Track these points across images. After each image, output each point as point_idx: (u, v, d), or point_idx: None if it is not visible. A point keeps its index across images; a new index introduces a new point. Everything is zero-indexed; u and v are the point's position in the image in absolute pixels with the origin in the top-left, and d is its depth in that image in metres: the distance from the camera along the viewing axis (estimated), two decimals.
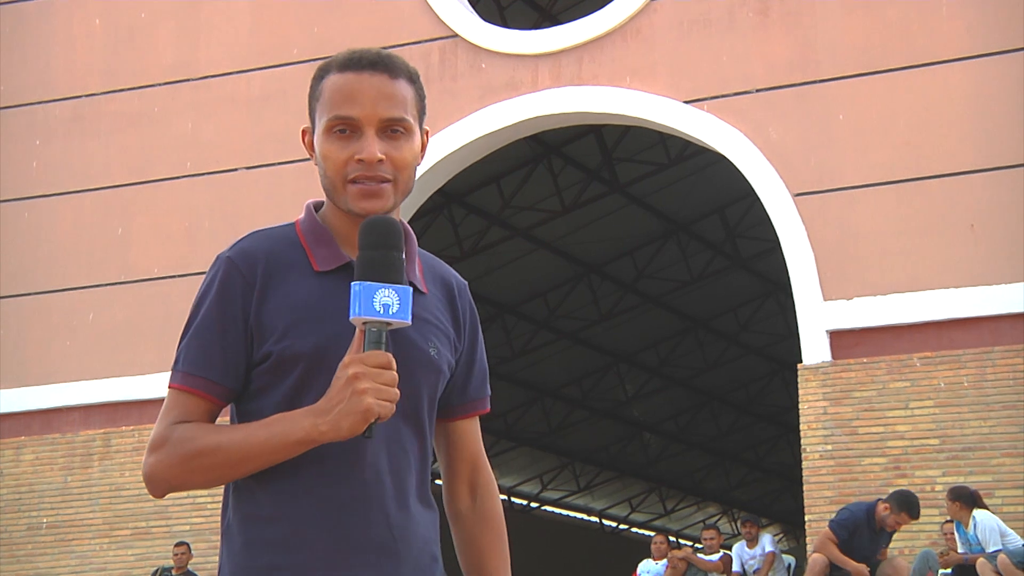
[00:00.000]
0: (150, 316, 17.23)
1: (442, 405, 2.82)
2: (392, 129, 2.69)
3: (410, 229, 2.80)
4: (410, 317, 2.53)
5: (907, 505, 12.54)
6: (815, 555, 13.30)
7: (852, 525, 12.52)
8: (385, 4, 17.56)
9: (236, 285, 2.66)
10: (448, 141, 16.97)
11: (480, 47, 17.19)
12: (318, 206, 2.81)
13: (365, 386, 2.45)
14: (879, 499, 12.72)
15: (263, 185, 17.36)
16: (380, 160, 2.65)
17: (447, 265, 2.94)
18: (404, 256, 2.61)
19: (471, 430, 2.93)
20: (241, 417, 2.67)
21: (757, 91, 15.87)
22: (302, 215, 2.78)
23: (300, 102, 2.87)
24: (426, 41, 17.12)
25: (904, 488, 13.08)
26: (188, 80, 18.32)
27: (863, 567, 12.65)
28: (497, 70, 17.08)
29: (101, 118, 18.62)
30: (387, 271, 2.52)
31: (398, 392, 2.51)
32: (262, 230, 2.77)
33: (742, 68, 15.98)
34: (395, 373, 2.50)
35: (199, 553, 16.66)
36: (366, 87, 2.68)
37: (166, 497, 2.71)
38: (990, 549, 12.99)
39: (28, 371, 18.25)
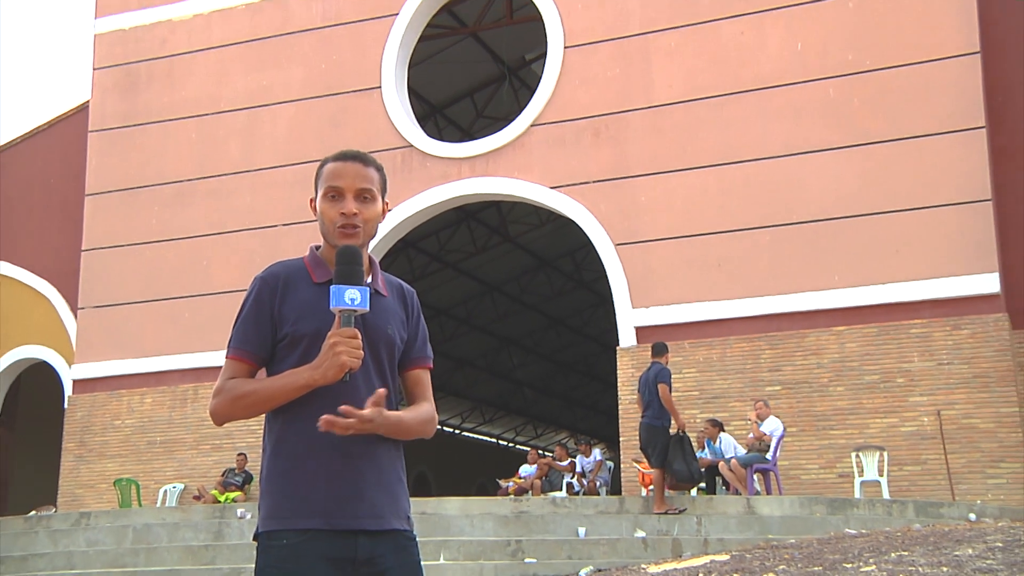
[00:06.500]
0: (222, 315, 17.05)
1: (400, 361, 2.74)
2: (363, 196, 2.65)
3: (374, 258, 2.75)
4: (368, 306, 2.50)
5: (663, 346, 11.86)
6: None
7: (651, 377, 11.67)
8: (367, 125, 17.52)
9: (266, 293, 2.66)
10: (406, 210, 16.99)
11: (426, 153, 17.20)
12: (317, 247, 2.75)
13: (341, 349, 2.44)
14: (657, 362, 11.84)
15: (293, 236, 17.26)
16: (355, 214, 2.62)
17: (402, 280, 2.88)
18: (364, 270, 2.56)
19: (419, 378, 2.78)
20: (271, 375, 2.64)
21: (594, 182, 16.01)
22: (307, 253, 2.74)
23: None
24: (392, 149, 17.10)
25: (656, 343, 12.25)
26: (248, 171, 18.16)
27: (683, 422, 11.58)
28: (436, 167, 17.11)
29: (195, 194, 18.43)
30: (352, 277, 2.49)
31: (363, 352, 2.48)
32: (282, 261, 2.76)
33: (584, 167, 16.10)
34: (360, 341, 2.48)
35: (253, 460, 16.59)
36: (349, 169, 2.66)
37: (231, 426, 2.71)
38: (727, 456, 13.38)
39: (148, 348, 18.06)
